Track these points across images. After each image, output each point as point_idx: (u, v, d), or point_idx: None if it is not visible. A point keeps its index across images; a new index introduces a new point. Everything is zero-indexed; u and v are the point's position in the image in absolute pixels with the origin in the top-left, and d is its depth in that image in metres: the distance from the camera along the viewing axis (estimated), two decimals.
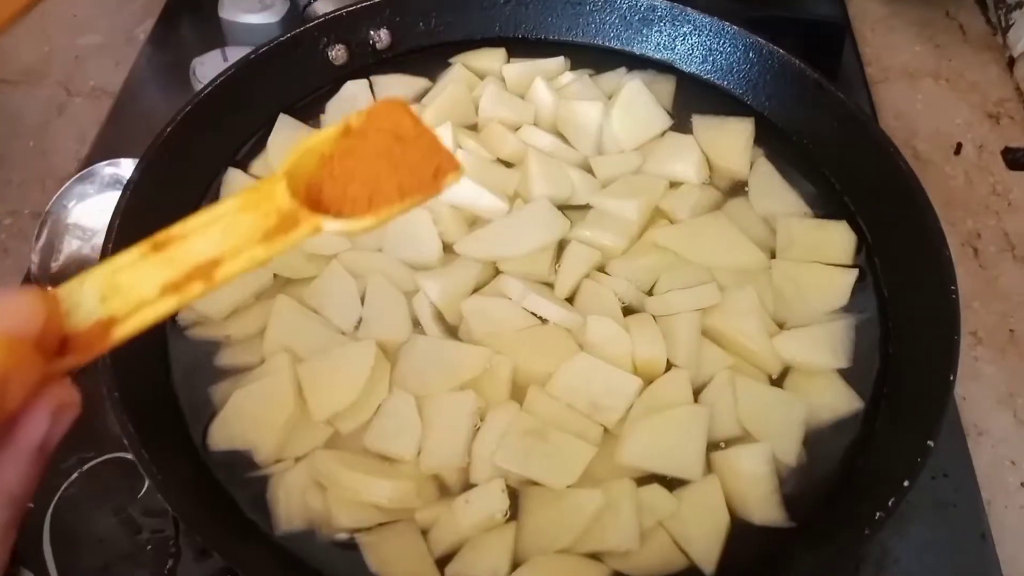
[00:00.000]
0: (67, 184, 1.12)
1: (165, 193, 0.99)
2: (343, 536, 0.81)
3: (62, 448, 0.92)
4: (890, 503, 0.76)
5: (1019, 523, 0.98)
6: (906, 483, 0.77)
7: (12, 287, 1.11)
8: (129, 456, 0.95)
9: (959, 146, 1.35)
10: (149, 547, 0.91)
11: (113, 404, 0.79)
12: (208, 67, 1.28)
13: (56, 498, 0.93)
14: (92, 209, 1.12)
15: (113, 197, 0.94)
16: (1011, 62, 1.42)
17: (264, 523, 0.83)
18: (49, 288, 0.49)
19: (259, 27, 1.33)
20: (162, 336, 0.94)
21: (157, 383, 0.90)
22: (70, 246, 1.10)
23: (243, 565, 0.73)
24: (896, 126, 1.37)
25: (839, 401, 0.91)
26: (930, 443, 0.79)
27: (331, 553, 0.81)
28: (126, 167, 1.12)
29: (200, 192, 1.05)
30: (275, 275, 0.97)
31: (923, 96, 1.42)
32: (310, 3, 1.13)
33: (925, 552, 0.93)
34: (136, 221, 0.93)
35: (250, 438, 0.86)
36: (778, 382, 0.93)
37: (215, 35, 1.38)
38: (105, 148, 1.26)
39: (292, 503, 0.83)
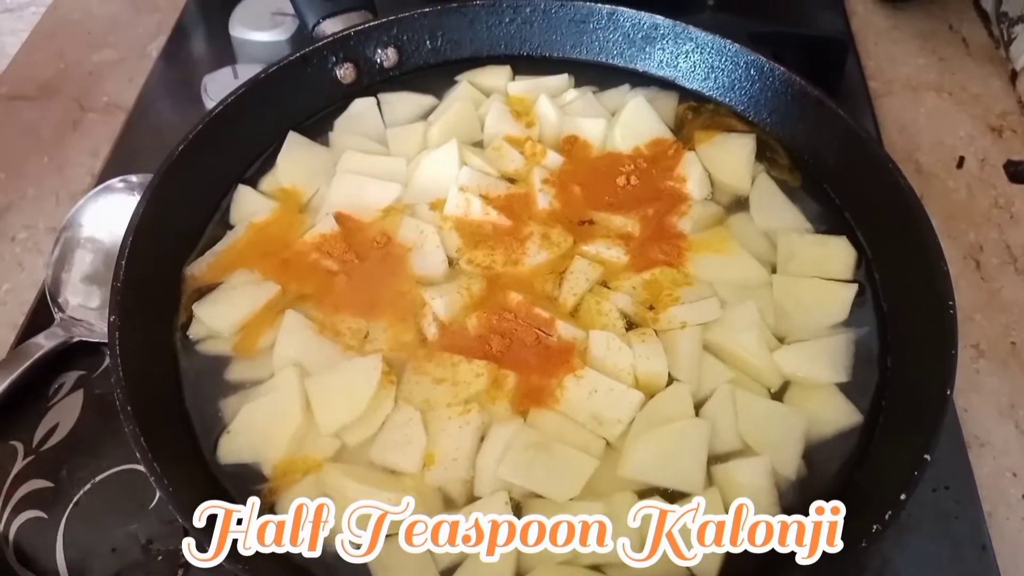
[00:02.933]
0: (81, 200, 1.14)
1: (177, 209, 1.01)
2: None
3: (76, 459, 0.96)
4: (887, 516, 0.77)
5: (1020, 535, 0.99)
6: (903, 496, 0.78)
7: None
8: (141, 468, 0.97)
9: (961, 159, 1.36)
10: (160, 558, 0.92)
11: (125, 417, 0.81)
12: (218, 84, 1.31)
13: (69, 508, 0.95)
14: (106, 225, 1.13)
15: (126, 213, 0.96)
16: (1013, 75, 1.43)
17: None
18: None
19: (268, 45, 1.35)
20: (173, 351, 0.96)
21: (168, 397, 0.92)
22: (84, 261, 1.12)
23: (254, 572, 0.74)
24: (899, 139, 1.38)
25: (838, 415, 0.92)
26: (927, 457, 0.80)
27: (338, 564, 0.82)
28: (139, 183, 1.14)
29: (211, 208, 1.07)
30: (284, 292, 0.99)
31: (926, 109, 1.43)
32: (319, 23, 1.15)
33: (926, 563, 0.94)
34: (149, 236, 0.95)
35: (259, 451, 0.88)
36: (778, 396, 0.94)
37: (226, 52, 1.41)
38: (118, 163, 1.29)
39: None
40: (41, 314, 1.09)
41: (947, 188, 1.32)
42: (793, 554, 0.82)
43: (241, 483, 0.87)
